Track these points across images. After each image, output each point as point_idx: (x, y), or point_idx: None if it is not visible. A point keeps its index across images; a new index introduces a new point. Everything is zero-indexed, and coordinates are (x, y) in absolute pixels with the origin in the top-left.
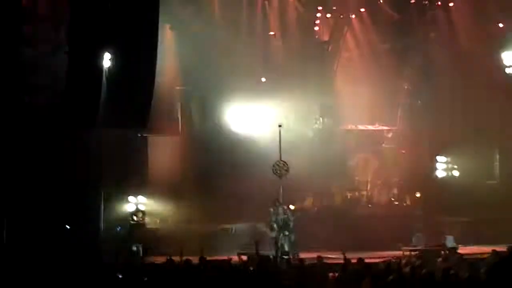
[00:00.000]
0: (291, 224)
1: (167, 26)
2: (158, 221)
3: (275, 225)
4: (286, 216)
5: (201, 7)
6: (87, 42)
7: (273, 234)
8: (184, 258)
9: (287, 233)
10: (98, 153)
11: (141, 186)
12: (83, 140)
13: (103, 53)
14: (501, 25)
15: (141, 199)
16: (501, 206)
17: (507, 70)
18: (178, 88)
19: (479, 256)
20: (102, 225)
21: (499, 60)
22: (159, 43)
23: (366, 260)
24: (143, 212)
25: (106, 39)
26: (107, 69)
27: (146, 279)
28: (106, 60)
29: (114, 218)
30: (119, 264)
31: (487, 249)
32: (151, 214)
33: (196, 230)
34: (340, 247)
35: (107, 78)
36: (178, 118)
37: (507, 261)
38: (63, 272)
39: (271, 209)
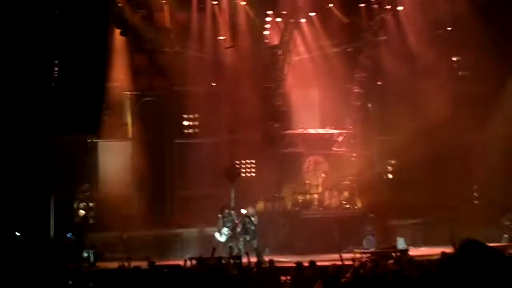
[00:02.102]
0: (253, 228)
1: (118, 31)
2: (108, 226)
3: (225, 230)
4: (248, 219)
5: (151, 11)
6: (35, 48)
7: (222, 239)
8: (133, 264)
9: (248, 238)
10: (47, 159)
11: (91, 191)
12: (32, 147)
13: (52, 59)
14: (449, 28)
15: (92, 204)
16: (451, 207)
17: (458, 73)
18: (128, 93)
19: (429, 257)
20: (52, 231)
21: (450, 62)
22: (109, 48)
23: (318, 263)
24: (94, 218)
25: (55, 45)
26: (56, 75)
27: (91, 285)
28: (55, 66)
29: (65, 224)
30: (69, 270)
31: (437, 250)
32: (101, 219)
33: (146, 235)
34: (292, 250)
35: (56, 84)
36: (128, 123)
37: (453, 260)
38: (13, 279)
39: (220, 215)
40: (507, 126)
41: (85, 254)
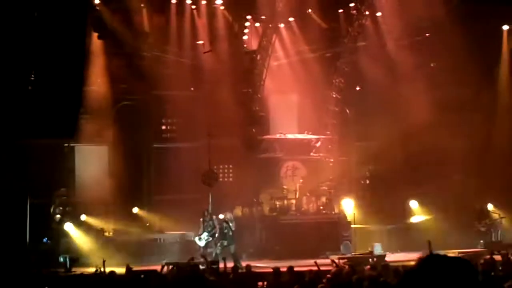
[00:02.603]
0: (231, 233)
1: (95, 35)
2: (85, 231)
3: (204, 235)
4: (226, 225)
5: (129, 15)
6: (11, 50)
7: (202, 244)
8: (108, 269)
9: (225, 243)
10: (24, 164)
11: (68, 196)
12: (9, 151)
13: (29, 62)
14: (427, 34)
15: (68, 209)
16: (428, 213)
17: (436, 78)
18: (106, 96)
19: (406, 263)
20: (28, 236)
21: (428, 68)
22: (86, 52)
23: (296, 269)
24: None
25: (32, 48)
26: (33, 79)
27: None
28: (32, 70)
29: (41, 229)
30: (45, 275)
31: (414, 256)
32: (78, 224)
33: (124, 240)
34: (269, 255)
35: (33, 88)
36: (106, 127)
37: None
38: None
39: (201, 219)
40: (485, 132)
41: (61, 259)
